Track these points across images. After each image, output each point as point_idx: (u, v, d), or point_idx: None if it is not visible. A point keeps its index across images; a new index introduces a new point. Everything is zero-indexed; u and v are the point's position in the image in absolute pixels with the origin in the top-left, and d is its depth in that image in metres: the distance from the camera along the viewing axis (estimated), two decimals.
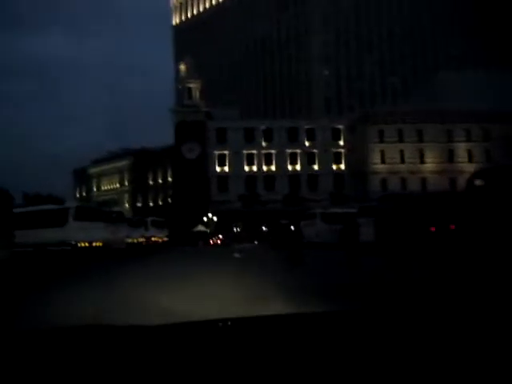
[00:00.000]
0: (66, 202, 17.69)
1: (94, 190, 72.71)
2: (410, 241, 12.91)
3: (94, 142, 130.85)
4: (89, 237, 16.83)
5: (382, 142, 56.92)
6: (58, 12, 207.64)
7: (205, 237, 41.65)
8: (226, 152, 57.66)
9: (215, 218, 51.83)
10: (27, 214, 17.82)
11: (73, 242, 16.48)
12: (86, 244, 16.83)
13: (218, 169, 57.86)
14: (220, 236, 42.71)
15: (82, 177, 74.20)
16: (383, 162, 56.99)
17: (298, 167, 58.73)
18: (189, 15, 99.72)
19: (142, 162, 64.03)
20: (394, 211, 14.36)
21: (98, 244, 17.16)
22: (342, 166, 59.44)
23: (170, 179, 60.63)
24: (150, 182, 64.35)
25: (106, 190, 70.75)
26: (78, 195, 72.65)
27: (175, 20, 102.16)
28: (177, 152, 56.64)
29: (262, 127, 58.34)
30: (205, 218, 51.06)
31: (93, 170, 73.53)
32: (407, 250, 12.49)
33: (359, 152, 57.12)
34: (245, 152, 57.80)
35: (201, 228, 46.34)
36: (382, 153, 57.09)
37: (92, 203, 48.41)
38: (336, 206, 34.35)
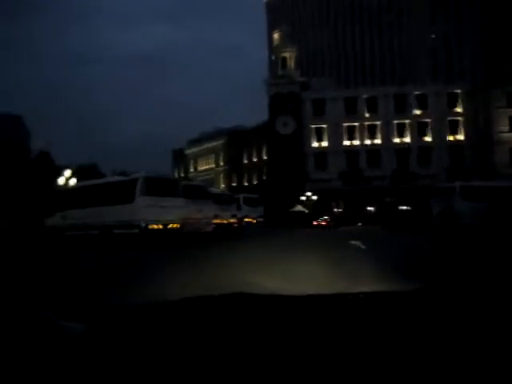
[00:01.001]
0: (134, 174, 14.26)
1: (192, 170, 72.89)
2: None
3: (193, 121, 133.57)
4: (162, 217, 13.02)
5: (510, 106, 48.35)
6: (154, 3, 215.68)
7: (304, 218, 37.71)
8: (324, 125, 52.85)
9: (314, 198, 47.73)
10: (91, 187, 15.13)
11: (142, 224, 12.74)
12: (159, 226, 13.02)
13: (315, 144, 53.39)
14: (325, 217, 38.36)
15: (180, 157, 74.91)
16: None
17: (406, 139, 52.05)
18: None
19: (236, 141, 62.12)
20: None
21: (174, 226, 13.35)
22: (460, 137, 51.55)
23: (264, 157, 57.75)
24: (245, 161, 62.18)
25: (202, 171, 70.48)
26: (176, 175, 73.38)
27: None
28: (271, 127, 53.27)
29: (365, 96, 52.35)
30: (303, 198, 47.21)
31: (189, 151, 73.81)
32: None
33: (482, 119, 49.26)
34: (345, 124, 52.48)
35: (299, 208, 42.56)
36: (511, 119, 48.55)
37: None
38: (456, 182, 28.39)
